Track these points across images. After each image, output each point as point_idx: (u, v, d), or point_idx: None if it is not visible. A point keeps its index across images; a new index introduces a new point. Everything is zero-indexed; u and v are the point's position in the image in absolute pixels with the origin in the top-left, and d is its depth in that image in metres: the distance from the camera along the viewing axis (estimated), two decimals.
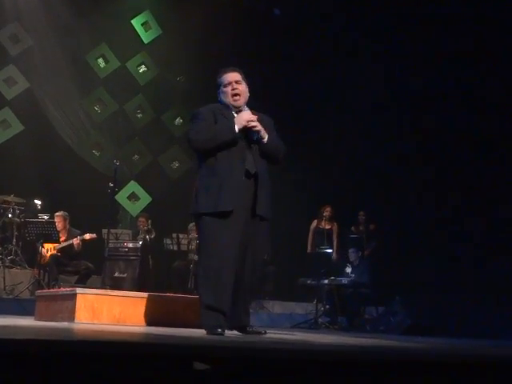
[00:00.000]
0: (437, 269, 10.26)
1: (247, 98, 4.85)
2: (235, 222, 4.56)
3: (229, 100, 4.78)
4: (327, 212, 11.11)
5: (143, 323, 5.43)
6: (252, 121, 4.65)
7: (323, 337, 5.74)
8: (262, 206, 4.65)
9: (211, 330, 4.41)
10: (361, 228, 11.14)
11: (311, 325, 9.22)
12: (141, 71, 13.73)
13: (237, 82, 4.78)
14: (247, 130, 4.69)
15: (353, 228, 11.28)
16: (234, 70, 4.85)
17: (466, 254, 9.95)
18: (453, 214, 10.46)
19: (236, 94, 4.77)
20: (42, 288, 8.95)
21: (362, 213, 11.13)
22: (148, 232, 11.20)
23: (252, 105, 4.91)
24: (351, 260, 10.43)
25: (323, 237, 10.79)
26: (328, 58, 11.86)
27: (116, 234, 10.82)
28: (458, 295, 9.50)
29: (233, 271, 4.58)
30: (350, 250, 10.46)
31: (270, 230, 5.00)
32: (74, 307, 5.29)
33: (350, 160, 11.99)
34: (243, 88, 4.81)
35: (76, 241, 9.77)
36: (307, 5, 12.06)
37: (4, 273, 9.50)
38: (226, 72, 4.83)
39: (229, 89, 4.76)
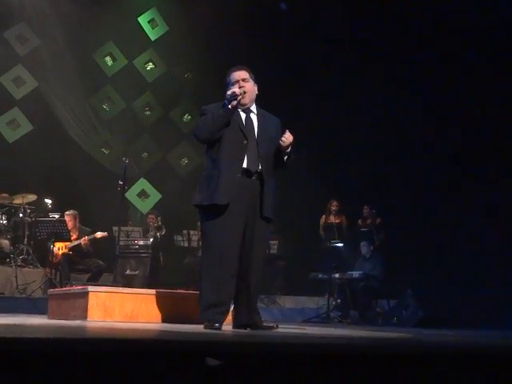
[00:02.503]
0: (448, 261, 10.23)
1: (254, 96, 4.91)
2: (236, 218, 4.64)
3: None
4: (334, 206, 11.15)
5: (155, 320, 5.44)
6: (234, 92, 4.70)
7: (335, 331, 5.74)
8: (268, 208, 4.73)
9: (209, 325, 4.46)
10: (368, 222, 11.13)
11: (323, 319, 9.23)
12: (148, 68, 13.75)
13: (244, 79, 4.84)
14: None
15: (360, 222, 11.28)
16: (241, 69, 4.91)
17: (479, 245, 9.90)
18: (463, 206, 10.41)
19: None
20: (55, 287, 8.98)
21: (366, 207, 11.14)
22: (158, 229, 11.23)
23: (259, 100, 4.94)
24: (363, 253, 10.42)
25: (333, 231, 10.79)
26: (336, 53, 11.82)
27: (127, 231, 10.84)
28: (471, 287, 9.47)
29: (234, 265, 4.64)
30: (362, 243, 10.45)
31: (280, 226, 5.04)
32: (87, 305, 5.30)
33: (357, 154, 11.95)
34: (250, 86, 4.86)
35: (84, 240, 9.78)
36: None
37: (16, 272, 9.52)
38: (233, 70, 4.91)
39: (236, 86, 4.79)
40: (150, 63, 13.78)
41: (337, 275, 9.87)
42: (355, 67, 11.58)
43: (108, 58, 13.41)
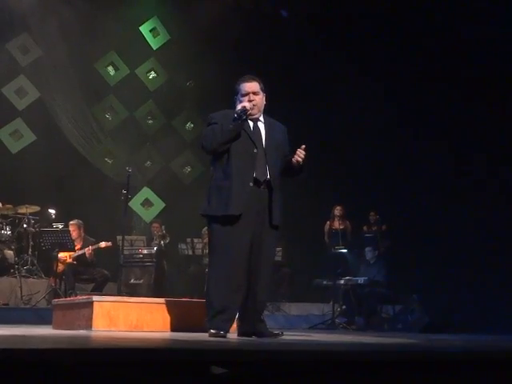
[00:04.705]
0: (453, 266, 10.21)
1: (263, 107, 4.92)
2: (246, 227, 4.65)
3: None
4: (338, 211, 11.14)
5: (160, 329, 5.44)
6: (244, 106, 4.72)
7: (340, 337, 5.73)
8: (277, 216, 4.75)
9: (214, 333, 4.47)
10: (373, 228, 11.11)
11: (328, 325, 9.20)
12: (150, 77, 13.75)
13: (254, 93, 4.84)
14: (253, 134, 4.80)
15: (365, 228, 11.26)
16: (253, 80, 4.90)
17: (485, 251, 9.88)
18: (468, 210, 10.39)
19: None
20: (59, 297, 8.96)
21: (372, 213, 11.12)
22: (162, 237, 11.22)
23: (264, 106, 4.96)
24: (367, 259, 10.40)
25: (338, 237, 10.78)
26: (336, 58, 11.82)
27: (131, 240, 10.84)
28: (477, 292, 9.45)
29: (242, 275, 4.65)
30: (367, 249, 10.42)
31: (284, 232, 5.04)
32: (91, 315, 5.30)
33: (362, 160, 11.94)
34: (260, 99, 4.87)
35: (88, 250, 9.79)
36: (315, 6, 12.07)
37: (21, 282, 9.52)
38: (244, 81, 4.89)
39: (245, 99, 4.81)
40: (152, 72, 13.78)
41: (341, 281, 9.84)
42: (360, 72, 11.58)
43: (110, 68, 13.41)
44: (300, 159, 4.77)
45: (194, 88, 13.78)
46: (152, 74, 13.79)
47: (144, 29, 13.52)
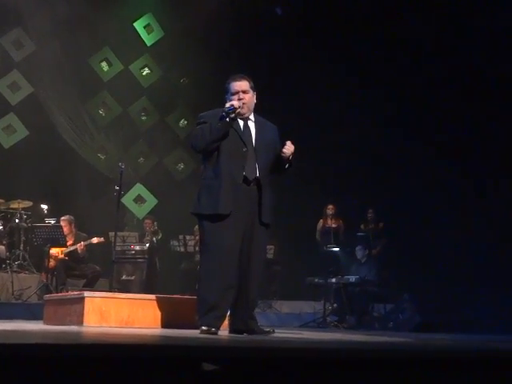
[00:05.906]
0: (445, 265, 10.23)
1: (253, 106, 4.93)
2: (236, 226, 4.67)
3: None
4: (330, 210, 11.12)
5: (151, 325, 5.43)
6: (232, 104, 4.72)
7: (332, 335, 5.74)
8: (266, 214, 4.77)
9: (205, 330, 4.48)
10: (370, 226, 11.13)
11: (320, 324, 9.21)
12: (144, 74, 13.74)
13: (244, 91, 4.84)
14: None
15: (362, 226, 11.26)
16: (242, 79, 4.90)
17: (476, 250, 9.90)
18: (462, 212, 10.41)
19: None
20: (50, 292, 8.96)
21: (370, 211, 11.13)
22: (154, 234, 11.22)
23: (256, 105, 4.96)
24: (358, 258, 10.41)
25: (330, 235, 10.78)
26: (330, 56, 11.83)
27: (123, 236, 10.83)
28: (468, 291, 9.47)
29: (233, 273, 4.67)
30: (357, 248, 10.43)
31: (276, 231, 5.05)
32: (82, 311, 5.30)
33: (359, 157, 11.93)
34: (249, 97, 4.87)
35: (80, 246, 9.77)
36: (309, 4, 12.07)
37: (12, 278, 9.50)
38: (234, 80, 4.89)
39: (235, 98, 4.81)
40: (146, 68, 13.76)
41: (333, 280, 9.85)
42: (354, 70, 11.58)
43: (104, 64, 13.38)
44: (288, 152, 4.79)
45: (188, 85, 13.77)
46: (146, 71, 13.78)
47: (138, 25, 13.51)
